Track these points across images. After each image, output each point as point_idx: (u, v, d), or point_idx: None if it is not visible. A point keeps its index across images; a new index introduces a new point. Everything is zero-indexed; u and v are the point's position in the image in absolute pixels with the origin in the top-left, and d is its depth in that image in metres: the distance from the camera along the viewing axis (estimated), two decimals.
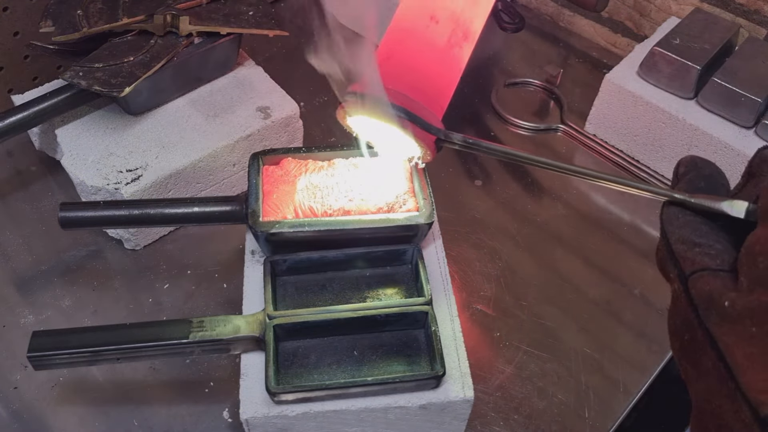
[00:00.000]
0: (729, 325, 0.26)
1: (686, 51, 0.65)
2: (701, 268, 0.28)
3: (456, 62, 0.45)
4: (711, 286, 0.27)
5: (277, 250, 0.49)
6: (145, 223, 0.51)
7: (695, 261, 0.28)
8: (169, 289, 0.59)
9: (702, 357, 0.27)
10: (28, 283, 0.59)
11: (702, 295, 0.27)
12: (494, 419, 0.52)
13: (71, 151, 0.59)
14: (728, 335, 0.26)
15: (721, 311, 0.26)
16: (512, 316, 0.58)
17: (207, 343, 0.45)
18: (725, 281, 0.27)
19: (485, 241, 0.64)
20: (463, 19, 0.44)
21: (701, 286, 0.27)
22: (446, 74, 0.45)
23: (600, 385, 0.54)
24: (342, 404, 0.43)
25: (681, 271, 0.28)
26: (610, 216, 0.67)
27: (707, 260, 0.28)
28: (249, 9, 0.64)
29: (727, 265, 0.28)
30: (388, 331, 0.47)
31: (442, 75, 0.45)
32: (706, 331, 0.27)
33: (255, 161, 0.51)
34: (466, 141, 0.43)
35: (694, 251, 0.28)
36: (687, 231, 0.30)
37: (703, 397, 0.27)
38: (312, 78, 0.79)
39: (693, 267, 0.28)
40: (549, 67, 0.80)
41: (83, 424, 0.50)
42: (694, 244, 0.29)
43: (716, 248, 0.28)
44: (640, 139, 0.70)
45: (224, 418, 0.51)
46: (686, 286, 0.28)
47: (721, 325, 0.26)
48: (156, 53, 0.59)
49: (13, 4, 0.65)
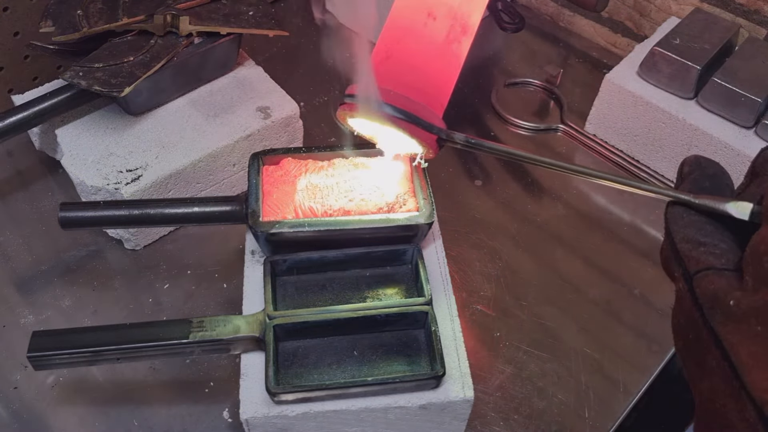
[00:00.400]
0: (734, 324, 0.26)
1: (686, 51, 0.65)
2: (706, 267, 0.28)
3: (455, 58, 0.45)
4: (716, 285, 0.27)
5: (277, 250, 0.49)
6: (145, 223, 0.51)
7: (700, 260, 0.28)
8: (169, 289, 0.59)
9: (706, 356, 0.27)
10: (28, 283, 0.59)
11: (707, 294, 0.27)
12: (494, 419, 0.52)
13: (71, 151, 0.59)
14: (733, 334, 0.26)
15: (725, 310, 0.26)
16: (512, 316, 0.58)
17: (207, 343, 0.45)
18: (730, 280, 0.27)
19: (485, 241, 0.64)
20: (461, 14, 0.44)
21: (706, 285, 0.27)
22: (446, 71, 0.45)
23: (600, 385, 0.54)
24: (342, 404, 0.43)
25: (686, 270, 0.28)
26: (610, 216, 0.67)
27: (712, 259, 0.28)
28: (249, 9, 0.64)
29: (732, 265, 0.28)
30: (388, 331, 0.47)
31: (442, 72, 0.45)
32: (710, 330, 0.27)
33: (255, 161, 0.51)
34: (468, 141, 0.43)
35: (699, 250, 0.29)
36: (691, 230, 0.30)
37: (707, 396, 0.27)
38: (312, 78, 0.80)
39: (698, 266, 0.28)
40: (549, 67, 0.80)
41: (83, 424, 0.50)
42: (698, 243, 0.29)
43: (721, 247, 0.28)
44: (640, 139, 0.70)
45: (224, 418, 0.51)
46: (691, 285, 0.28)
47: (726, 324, 0.26)
48: (156, 53, 0.59)
49: (13, 4, 0.65)
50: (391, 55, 0.44)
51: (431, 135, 0.43)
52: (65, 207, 0.49)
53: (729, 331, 0.26)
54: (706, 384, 0.27)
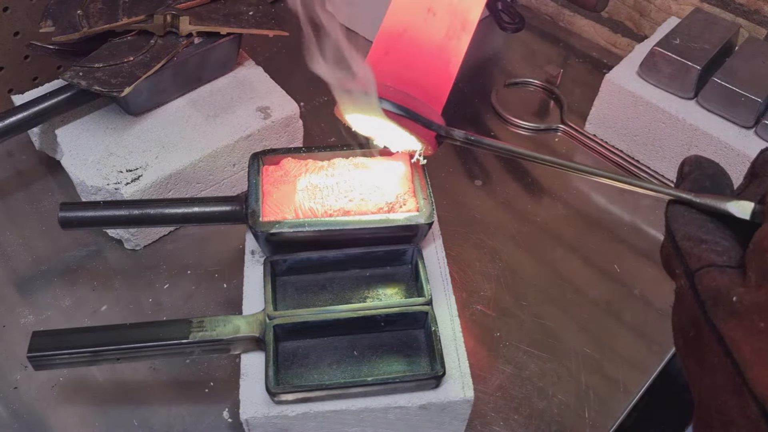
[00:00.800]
0: (736, 321, 0.26)
1: (686, 51, 0.65)
2: (708, 264, 0.28)
3: (455, 54, 0.44)
4: (718, 282, 0.27)
5: (277, 250, 0.49)
6: (145, 223, 0.51)
7: (701, 257, 0.28)
8: (169, 289, 0.59)
9: (707, 353, 0.27)
10: (28, 283, 0.59)
11: (709, 291, 0.27)
12: (494, 419, 0.52)
13: (71, 151, 0.59)
14: (735, 331, 0.26)
15: (728, 307, 0.26)
16: (512, 316, 0.58)
17: (207, 343, 0.45)
18: (732, 277, 0.27)
19: (485, 241, 0.64)
20: (461, 9, 0.44)
21: (708, 281, 0.27)
22: (445, 67, 0.45)
23: (600, 385, 0.54)
24: (342, 404, 0.43)
25: (687, 268, 0.28)
26: (610, 216, 0.67)
27: (714, 256, 0.28)
28: (249, 9, 0.64)
29: (734, 262, 0.28)
30: (388, 331, 0.47)
31: (441, 68, 0.44)
32: (712, 326, 0.27)
33: (255, 161, 0.51)
34: (468, 138, 0.42)
35: (701, 248, 0.29)
36: (693, 228, 0.30)
37: (708, 394, 0.27)
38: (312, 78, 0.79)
39: (699, 263, 0.28)
40: (549, 67, 0.80)
41: (83, 424, 0.50)
42: (700, 241, 0.29)
43: (722, 245, 0.29)
44: (640, 139, 0.70)
45: (224, 418, 0.51)
46: (692, 282, 0.28)
47: (728, 321, 0.26)
48: (156, 53, 0.59)
49: (13, 4, 0.65)
50: (390, 51, 0.44)
51: (430, 131, 0.43)
52: (65, 207, 0.49)
53: (731, 327, 0.26)
54: (707, 381, 0.27)
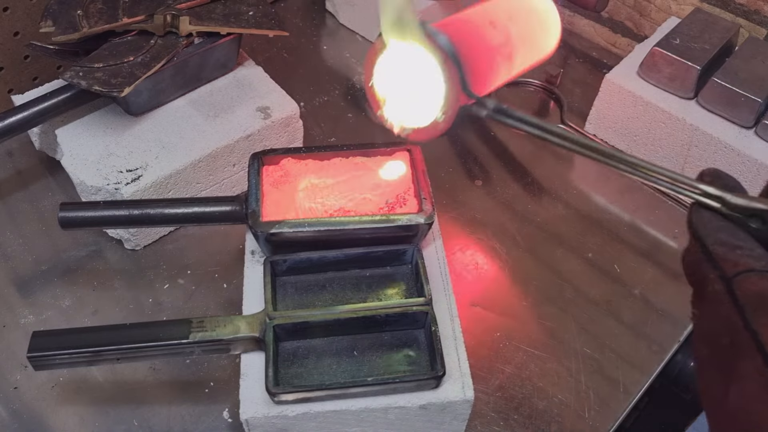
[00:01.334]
0: None
1: (686, 51, 0.65)
2: (747, 269, 0.27)
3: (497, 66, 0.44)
4: (759, 287, 0.26)
5: (277, 250, 0.49)
6: (145, 223, 0.51)
7: (738, 263, 0.28)
8: (169, 289, 0.59)
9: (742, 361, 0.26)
10: (28, 283, 0.59)
11: (750, 296, 0.27)
12: (494, 419, 0.52)
13: (71, 151, 0.59)
14: None
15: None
16: (512, 316, 0.58)
17: (207, 343, 0.45)
18: None
19: (485, 241, 0.64)
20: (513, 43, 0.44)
21: (748, 286, 0.27)
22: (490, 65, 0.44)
23: (600, 385, 0.54)
24: (342, 404, 0.43)
25: (723, 273, 0.28)
26: (610, 216, 0.67)
27: (752, 262, 0.28)
28: (249, 9, 0.64)
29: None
30: (388, 331, 0.47)
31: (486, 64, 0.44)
32: (753, 333, 0.26)
33: (255, 161, 0.51)
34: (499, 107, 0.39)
35: (736, 253, 0.28)
36: (724, 234, 0.29)
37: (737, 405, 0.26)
38: (312, 78, 0.80)
39: (737, 268, 0.28)
40: (549, 67, 0.80)
41: (83, 424, 0.50)
42: (734, 247, 0.28)
43: (758, 251, 0.28)
44: (640, 138, 0.70)
45: (224, 418, 0.51)
46: (730, 287, 0.27)
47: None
48: (156, 53, 0.59)
49: (13, 4, 0.65)
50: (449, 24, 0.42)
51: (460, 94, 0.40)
52: (65, 207, 0.49)
53: None
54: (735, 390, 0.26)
